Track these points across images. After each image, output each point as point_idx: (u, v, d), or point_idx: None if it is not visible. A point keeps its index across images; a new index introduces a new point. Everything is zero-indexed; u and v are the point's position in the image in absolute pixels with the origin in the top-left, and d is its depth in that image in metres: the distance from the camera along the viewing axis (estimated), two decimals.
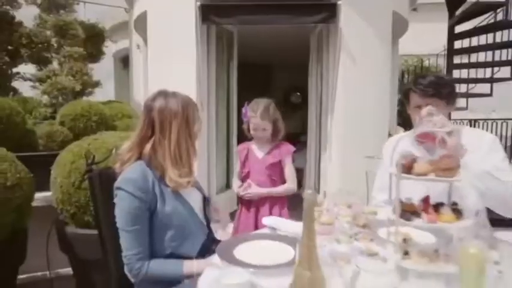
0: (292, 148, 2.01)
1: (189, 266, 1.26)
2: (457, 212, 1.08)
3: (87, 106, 2.99)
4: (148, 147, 1.28)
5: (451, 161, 1.05)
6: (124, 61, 6.41)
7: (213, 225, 1.52)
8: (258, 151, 2.01)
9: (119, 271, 1.58)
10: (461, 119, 6.50)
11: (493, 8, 4.90)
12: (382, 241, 1.14)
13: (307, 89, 4.27)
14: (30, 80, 4.15)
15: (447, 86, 1.42)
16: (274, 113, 1.97)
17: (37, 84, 4.17)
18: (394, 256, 1.05)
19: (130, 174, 1.26)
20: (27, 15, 4.67)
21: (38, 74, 3.52)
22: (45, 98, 3.45)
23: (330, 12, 3.21)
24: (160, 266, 1.29)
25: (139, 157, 1.32)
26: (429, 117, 1.34)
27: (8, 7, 4.30)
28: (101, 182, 1.58)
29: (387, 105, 3.77)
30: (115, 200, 1.30)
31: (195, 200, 1.46)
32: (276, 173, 1.94)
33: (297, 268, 0.85)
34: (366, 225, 1.20)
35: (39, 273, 2.61)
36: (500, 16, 5.20)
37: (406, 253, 1.04)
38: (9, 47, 4.14)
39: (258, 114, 1.90)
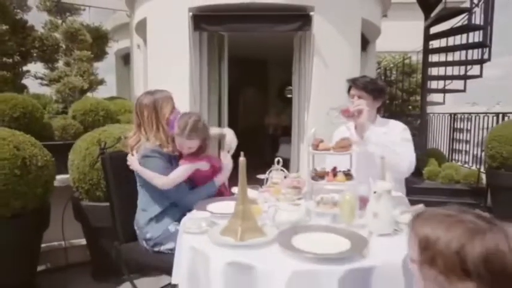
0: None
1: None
2: (349, 176, 1.61)
3: (95, 103, 3.51)
4: (142, 130, 1.85)
5: (344, 142, 1.57)
6: (125, 59, 6.91)
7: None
8: None
9: (125, 235, 2.12)
10: (463, 113, 6.99)
11: (460, 13, 5.36)
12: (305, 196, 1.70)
13: None
14: (41, 78, 4.65)
15: (375, 87, 1.94)
16: (203, 130, 1.90)
17: (46, 82, 4.71)
18: (309, 204, 1.59)
19: (149, 146, 1.87)
20: (35, 16, 5.16)
21: (52, 74, 4.00)
22: (55, 95, 3.95)
23: (304, 21, 3.71)
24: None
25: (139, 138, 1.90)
26: (355, 99, 1.91)
27: (18, 10, 4.81)
28: (111, 162, 2.12)
29: None
30: (145, 165, 1.88)
31: None
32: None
33: (235, 205, 1.39)
34: (296, 187, 1.73)
35: (55, 243, 3.12)
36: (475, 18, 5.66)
37: (318, 203, 1.58)
38: (22, 49, 4.63)
39: (185, 134, 1.82)
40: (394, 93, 7.69)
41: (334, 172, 1.69)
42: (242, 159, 1.36)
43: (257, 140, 7.26)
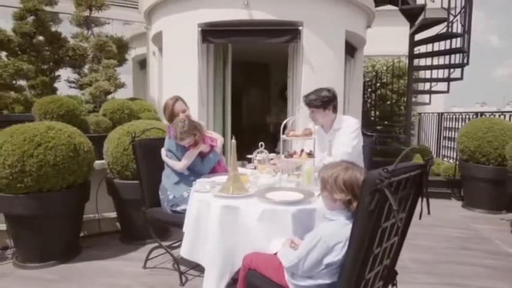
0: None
1: None
2: (310, 155, 2.32)
3: (121, 103, 4.27)
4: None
5: (307, 131, 2.29)
6: (141, 64, 7.69)
7: None
8: None
9: (150, 202, 2.84)
10: (449, 112, 7.58)
11: (437, 23, 5.99)
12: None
13: None
14: (73, 82, 5.44)
15: (321, 101, 2.58)
16: (189, 130, 2.54)
17: (74, 85, 5.50)
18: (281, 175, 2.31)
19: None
20: (64, 27, 5.94)
21: (84, 79, 4.77)
22: (87, 96, 4.72)
23: (294, 34, 4.42)
24: None
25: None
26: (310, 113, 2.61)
27: (52, 23, 5.59)
28: (140, 147, 2.86)
29: (340, 106, 4.95)
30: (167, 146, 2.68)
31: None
32: None
33: (229, 173, 2.12)
34: (273, 164, 2.44)
35: (90, 215, 3.86)
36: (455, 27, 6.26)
37: (288, 175, 2.29)
38: (56, 57, 5.42)
39: (178, 138, 2.56)
40: (385, 94, 8.31)
41: (301, 152, 2.40)
42: (233, 141, 2.09)
43: (259, 136, 7.96)
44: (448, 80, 6.76)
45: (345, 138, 2.55)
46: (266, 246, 1.80)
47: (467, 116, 6.60)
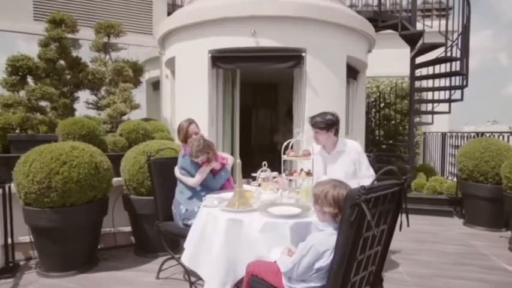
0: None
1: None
2: (308, 174, 2.57)
3: (136, 124, 4.60)
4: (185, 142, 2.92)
5: (306, 152, 2.54)
6: (154, 85, 8.09)
7: None
8: None
9: (163, 216, 3.10)
10: (451, 132, 7.78)
11: (435, 47, 6.27)
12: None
13: None
14: (92, 104, 5.82)
15: (325, 123, 2.82)
16: (203, 148, 2.85)
17: (91, 107, 5.88)
18: (283, 191, 2.56)
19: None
20: (83, 51, 6.36)
21: (103, 101, 5.13)
22: (105, 117, 5.06)
23: (298, 60, 4.74)
24: None
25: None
26: (314, 133, 2.86)
27: (72, 48, 6.02)
28: (155, 166, 3.14)
29: (342, 125, 5.19)
30: (181, 160, 2.96)
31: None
32: None
33: (235, 189, 2.37)
34: (276, 181, 2.69)
35: (106, 229, 4.13)
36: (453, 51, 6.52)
37: (289, 192, 2.54)
38: (76, 80, 5.81)
39: (193, 156, 2.86)
40: (389, 114, 8.54)
41: (300, 171, 2.65)
42: (238, 161, 2.36)
43: (267, 155, 8.22)
44: (449, 101, 6.98)
45: (366, 166, 2.79)
46: (267, 254, 2.04)
47: (469, 136, 6.79)
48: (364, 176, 2.77)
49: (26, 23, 5.82)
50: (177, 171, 3.06)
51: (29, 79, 5.17)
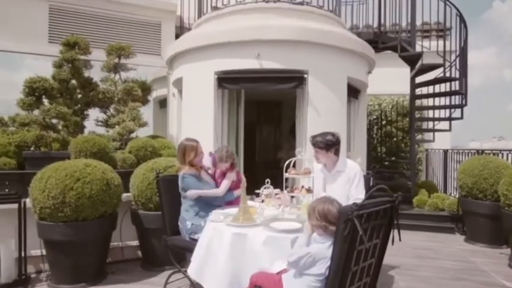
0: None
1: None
2: (309, 190, 2.72)
3: (145, 141, 4.79)
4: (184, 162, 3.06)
5: (306, 170, 2.70)
6: (160, 103, 8.34)
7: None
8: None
9: (170, 230, 3.24)
10: (453, 149, 7.90)
11: (434, 68, 6.48)
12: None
13: None
14: (101, 122, 6.04)
15: (325, 143, 2.99)
16: (230, 156, 3.20)
17: (101, 124, 6.10)
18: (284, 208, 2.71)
19: (184, 171, 3.05)
20: (93, 71, 6.63)
21: (113, 120, 5.35)
22: (115, 135, 5.27)
23: (300, 81, 4.95)
24: None
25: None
26: (315, 152, 3.02)
27: (85, 69, 6.28)
28: (163, 182, 3.30)
29: (343, 143, 5.33)
30: (184, 181, 3.07)
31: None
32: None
33: (239, 205, 2.53)
34: (278, 198, 2.84)
35: (115, 243, 4.26)
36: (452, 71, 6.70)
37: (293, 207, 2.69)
38: (87, 99, 6.06)
39: (223, 161, 3.16)
40: (391, 131, 8.69)
41: (301, 188, 2.80)
42: (244, 179, 2.52)
43: (271, 172, 8.36)
44: (450, 119, 7.14)
45: (356, 186, 2.92)
46: (269, 266, 2.17)
47: (469, 153, 6.91)
48: (352, 196, 2.88)
49: (41, 45, 6.12)
50: (192, 191, 3.09)
51: (44, 98, 5.43)
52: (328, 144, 2.96)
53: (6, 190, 3.46)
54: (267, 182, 2.93)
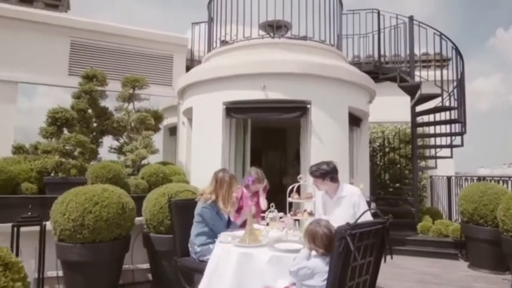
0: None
1: None
2: (311, 214, 2.93)
3: (157, 168, 5.07)
4: (216, 193, 3.25)
5: (308, 195, 2.92)
6: (171, 130, 8.68)
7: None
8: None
9: (181, 252, 3.44)
10: (456, 175, 8.06)
11: (432, 97, 6.75)
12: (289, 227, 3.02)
13: None
14: (114, 149, 6.36)
15: (319, 173, 3.20)
16: (263, 177, 3.71)
17: (113, 151, 6.42)
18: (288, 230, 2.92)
19: (209, 202, 3.25)
20: (108, 101, 7.01)
21: (127, 147, 5.67)
22: (128, 162, 5.56)
23: (303, 111, 5.26)
24: None
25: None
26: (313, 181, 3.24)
27: (100, 98, 6.67)
28: (175, 206, 3.53)
29: (346, 169, 5.59)
30: (202, 211, 3.26)
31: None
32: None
33: (246, 228, 2.75)
34: (281, 221, 3.06)
35: (126, 266, 4.43)
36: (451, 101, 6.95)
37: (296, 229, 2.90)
38: (102, 128, 6.40)
39: (262, 181, 3.65)
40: (394, 158, 8.88)
41: (304, 212, 3.02)
42: (249, 208, 2.76)
43: (276, 196, 8.54)
44: (451, 146, 7.32)
45: (363, 207, 3.08)
46: (273, 283, 2.36)
47: (471, 179, 7.04)
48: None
49: (62, 77, 6.56)
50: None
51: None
52: (323, 174, 3.17)
53: (29, 213, 3.70)
54: (272, 206, 3.15)
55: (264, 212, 3.52)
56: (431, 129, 7.87)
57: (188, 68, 7.36)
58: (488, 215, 5.15)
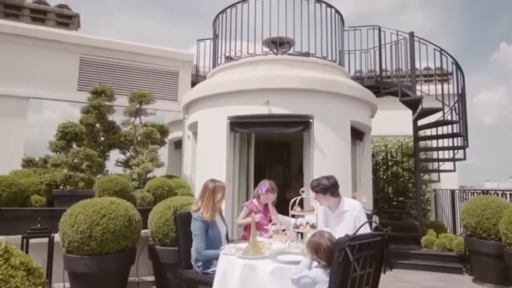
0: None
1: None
2: (313, 226, 3.00)
3: (162, 181, 5.18)
4: (201, 201, 3.33)
5: (310, 208, 3.00)
6: (176, 144, 8.82)
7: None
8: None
9: (186, 264, 3.50)
10: (460, 189, 8.08)
11: (434, 112, 6.84)
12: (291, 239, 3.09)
13: None
14: (121, 162, 6.49)
15: (320, 188, 3.27)
16: (276, 188, 3.88)
17: (119, 164, 6.54)
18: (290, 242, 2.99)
19: (198, 213, 3.31)
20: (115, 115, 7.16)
21: (133, 161, 5.79)
22: (134, 175, 5.68)
23: (306, 125, 5.37)
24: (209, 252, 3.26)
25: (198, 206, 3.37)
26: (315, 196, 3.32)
27: (107, 113, 6.83)
28: (180, 219, 3.61)
29: (349, 183, 5.66)
30: (192, 223, 3.31)
31: (223, 229, 3.46)
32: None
33: (249, 240, 2.82)
34: (285, 233, 3.13)
35: (131, 278, 4.50)
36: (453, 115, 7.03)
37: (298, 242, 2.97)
38: (109, 142, 6.54)
39: (275, 192, 3.85)
40: (398, 172, 8.92)
41: (306, 225, 3.09)
42: (254, 215, 2.84)
43: (280, 209, 8.58)
44: (453, 160, 7.35)
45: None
46: None
47: (474, 193, 7.06)
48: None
49: (71, 93, 6.76)
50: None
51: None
52: (323, 189, 3.23)
53: (39, 225, 3.80)
54: (275, 219, 3.22)
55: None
56: (433, 143, 7.93)
57: (193, 84, 7.54)
58: (491, 228, 5.17)
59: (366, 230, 3.15)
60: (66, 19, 7.55)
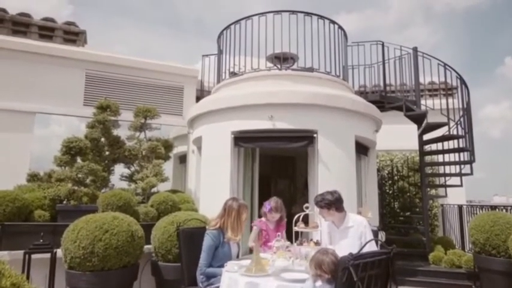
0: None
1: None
2: (317, 243, 2.95)
3: (166, 196, 5.16)
4: (223, 220, 3.28)
5: (314, 224, 2.96)
6: (180, 158, 8.82)
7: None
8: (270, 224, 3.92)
9: (188, 280, 3.46)
10: (467, 204, 7.95)
11: (439, 126, 6.80)
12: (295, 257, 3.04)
13: None
14: (125, 177, 6.49)
15: (324, 203, 3.23)
16: (282, 207, 3.79)
17: (124, 179, 6.55)
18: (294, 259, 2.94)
19: (213, 230, 3.27)
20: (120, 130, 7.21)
21: (138, 176, 5.79)
22: (138, 190, 5.67)
23: (310, 140, 5.35)
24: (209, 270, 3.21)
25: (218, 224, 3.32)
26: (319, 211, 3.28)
27: (112, 127, 6.88)
28: (183, 235, 3.58)
29: (354, 198, 5.60)
30: (205, 238, 3.28)
31: (234, 249, 3.41)
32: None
33: (252, 257, 2.78)
34: (288, 250, 3.08)
35: None
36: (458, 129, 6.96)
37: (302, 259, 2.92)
38: (114, 156, 6.57)
39: (279, 210, 3.75)
40: (403, 186, 8.82)
41: (310, 241, 3.05)
42: (255, 228, 2.80)
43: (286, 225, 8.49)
44: (460, 175, 7.24)
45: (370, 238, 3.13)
46: None
47: (482, 208, 6.95)
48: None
49: (77, 108, 6.83)
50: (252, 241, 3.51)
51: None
52: (327, 204, 3.19)
53: (41, 240, 3.79)
54: (278, 235, 3.18)
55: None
56: (440, 158, 7.85)
57: (198, 98, 7.59)
58: (501, 245, 5.05)
59: (373, 247, 3.11)
60: (73, 36, 7.69)
